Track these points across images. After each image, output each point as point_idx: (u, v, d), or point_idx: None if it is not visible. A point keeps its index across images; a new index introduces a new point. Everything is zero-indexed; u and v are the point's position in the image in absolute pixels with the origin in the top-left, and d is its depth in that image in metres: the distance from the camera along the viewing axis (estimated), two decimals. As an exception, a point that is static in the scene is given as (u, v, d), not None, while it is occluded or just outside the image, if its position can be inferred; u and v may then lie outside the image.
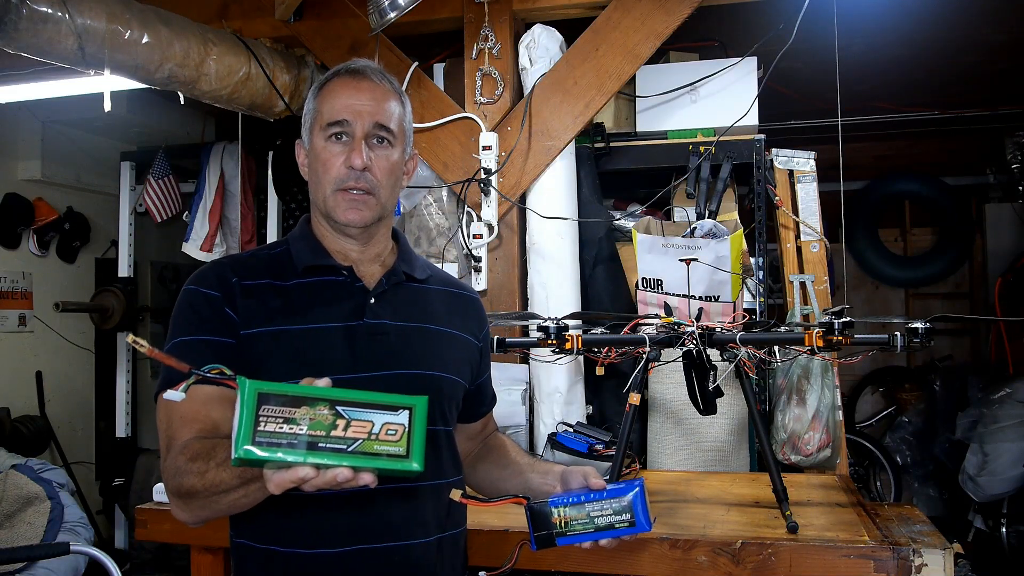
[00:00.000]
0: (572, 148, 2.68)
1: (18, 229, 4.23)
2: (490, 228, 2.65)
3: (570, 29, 2.68)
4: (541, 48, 2.63)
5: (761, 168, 2.67)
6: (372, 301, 1.34)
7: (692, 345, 1.88)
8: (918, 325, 1.67)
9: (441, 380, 1.37)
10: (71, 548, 2.24)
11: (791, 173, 2.71)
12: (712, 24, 2.96)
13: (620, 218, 2.89)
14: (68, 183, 4.41)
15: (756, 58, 2.71)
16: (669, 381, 2.56)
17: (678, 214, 2.80)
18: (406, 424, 0.96)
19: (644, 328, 1.99)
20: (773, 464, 1.87)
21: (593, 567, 1.75)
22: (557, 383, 2.54)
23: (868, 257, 5.55)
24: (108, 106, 2.31)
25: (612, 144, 2.80)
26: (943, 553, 1.57)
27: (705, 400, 1.93)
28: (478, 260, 2.66)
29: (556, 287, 2.60)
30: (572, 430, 2.38)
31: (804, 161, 2.72)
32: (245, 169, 3.93)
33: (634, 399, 1.89)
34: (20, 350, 4.25)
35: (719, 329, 1.91)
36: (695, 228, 2.29)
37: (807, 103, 3.77)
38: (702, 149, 2.54)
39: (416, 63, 2.78)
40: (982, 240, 5.28)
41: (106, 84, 2.34)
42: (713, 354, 1.90)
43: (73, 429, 4.50)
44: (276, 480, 0.94)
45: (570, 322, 2.01)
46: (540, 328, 1.96)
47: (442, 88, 2.84)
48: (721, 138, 2.66)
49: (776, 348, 2.05)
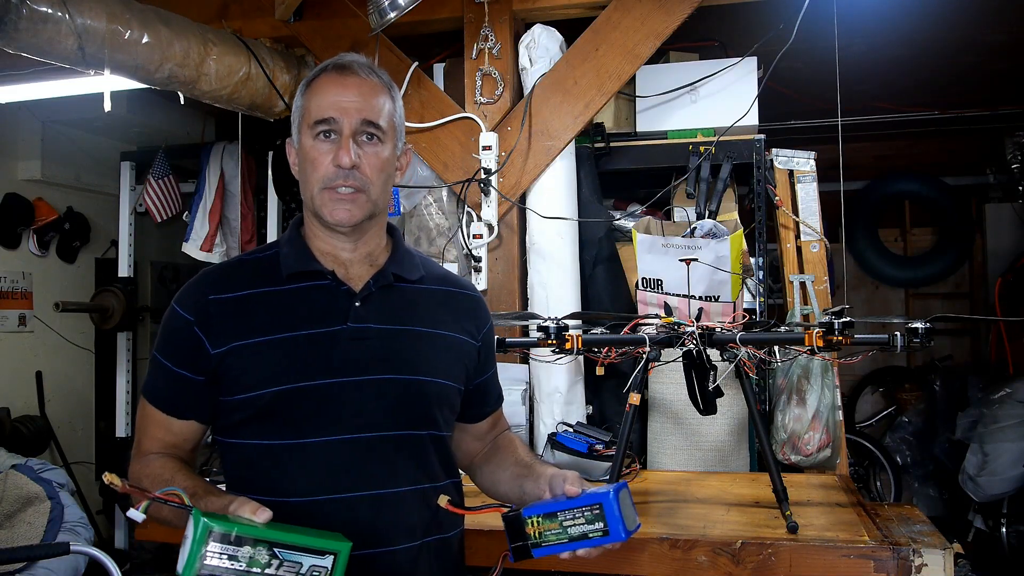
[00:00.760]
0: (572, 148, 2.68)
1: (18, 229, 4.22)
2: (490, 228, 2.65)
3: (570, 29, 2.68)
4: (541, 48, 2.63)
5: (761, 168, 2.67)
6: (357, 304, 1.32)
7: (692, 345, 1.88)
8: (918, 325, 1.67)
9: (426, 384, 1.33)
10: (71, 548, 2.23)
11: (791, 173, 2.71)
12: (712, 24, 2.96)
13: (620, 218, 2.89)
14: (68, 183, 4.40)
15: (756, 58, 2.71)
16: (669, 381, 2.56)
17: (678, 214, 2.80)
18: (329, 567, 1.06)
19: (644, 328, 1.99)
20: (773, 464, 1.87)
21: (593, 567, 1.74)
22: (557, 383, 2.54)
23: (868, 257, 5.55)
24: (108, 106, 2.31)
25: (612, 144, 2.80)
26: (943, 553, 1.57)
27: (705, 400, 1.93)
28: (478, 260, 2.66)
29: (556, 287, 2.60)
30: (572, 430, 2.38)
31: (804, 161, 2.72)
32: (245, 169, 3.92)
33: (634, 399, 1.89)
34: (20, 350, 4.25)
35: (719, 329, 1.91)
36: (695, 228, 2.29)
37: (807, 103, 3.77)
38: (702, 149, 2.54)
39: (416, 63, 2.78)
40: (982, 240, 5.28)
41: (106, 84, 2.33)
42: (713, 354, 1.90)
43: (73, 429, 4.50)
44: None
45: (570, 322, 2.02)
46: (540, 328, 1.96)
47: (442, 88, 2.84)
48: (721, 138, 2.66)
49: (776, 348, 2.05)
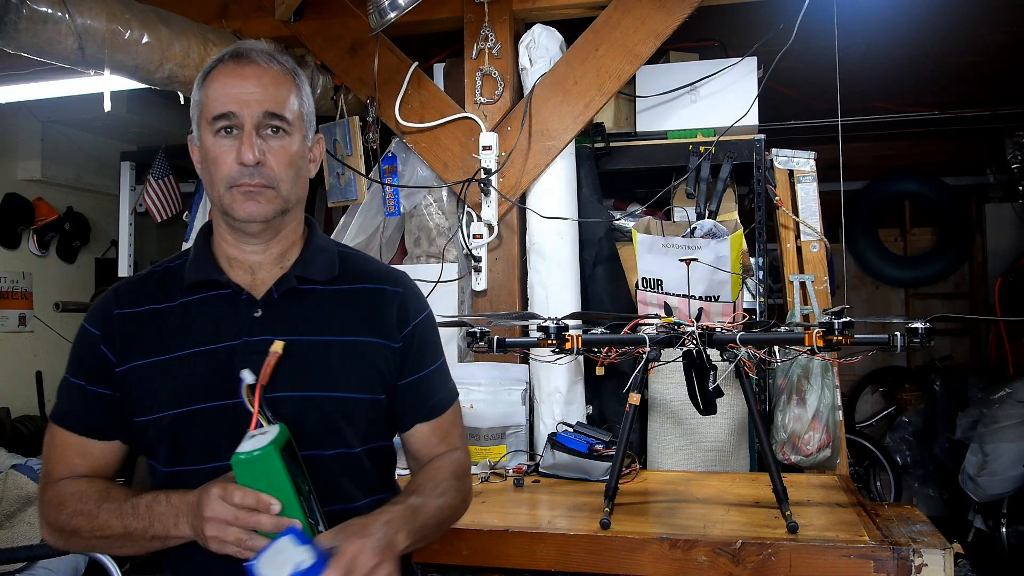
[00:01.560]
0: (572, 148, 2.68)
1: (18, 229, 4.23)
2: (490, 228, 2.65)
3: (570, 29, 2.68)
4: (541, 48, 2.63)
5: (761, 168, 2.67)
6: (257, 315, 1.22)
7: (692, 345, 1.88)
8: (918, 325, 1.67)
9: (328, 400, 1.22)
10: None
11: (791, 173, 2.71)
12: (712, 24, 2.96)
13: (620, 218, 2.89)
14: (68, 183, 4.41)
15: (756, 58, 2.71)
16: (669, 381, 2.56)
17: (678, 214, 2.80)
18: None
19: (644, 328, 1.99)
20: (773, 464, 1.86)
21: (593, 567, 1.75)
22: (557, 383, 2.54)
23: (868, 257, 5.55)
24: (108, 106, 2.31)
25: (612, 144, 2.80)
26: (943, 553, 1.57)
27: (705, 400, 1.93)
28: (478, 260, 2.66)
29: (556, 287, 2.60)
30: (572, 430, 2.38)
31: (804, 161, 2.72)
32: (245, 169, 3.92)
33: (634, 399, 1.89)
34: (20, 350, 4.25)
35: (719, 329, 1.91)
36: (695, 228, 2.29)
37: (807, 103, 3.77)
38: (702, 149, 2.54)
39: (416, 63, 2.78)
40: (982, 240, 5.28)
41: (106, 84, 2.33)
42: (713, 354, 1.90)
43: (73, 429, 4.50)
44: None
45: (570, 322, 2.01)
46: (540, 328, 1.96)
47: (442, 88, 2.84)
48: (721, 138, 2.66)
49: (776, 348, 2.05)
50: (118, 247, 4.17)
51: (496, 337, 2.03)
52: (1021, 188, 4.83)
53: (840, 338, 1.71)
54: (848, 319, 1.72)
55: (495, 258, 2.68)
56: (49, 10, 2.07)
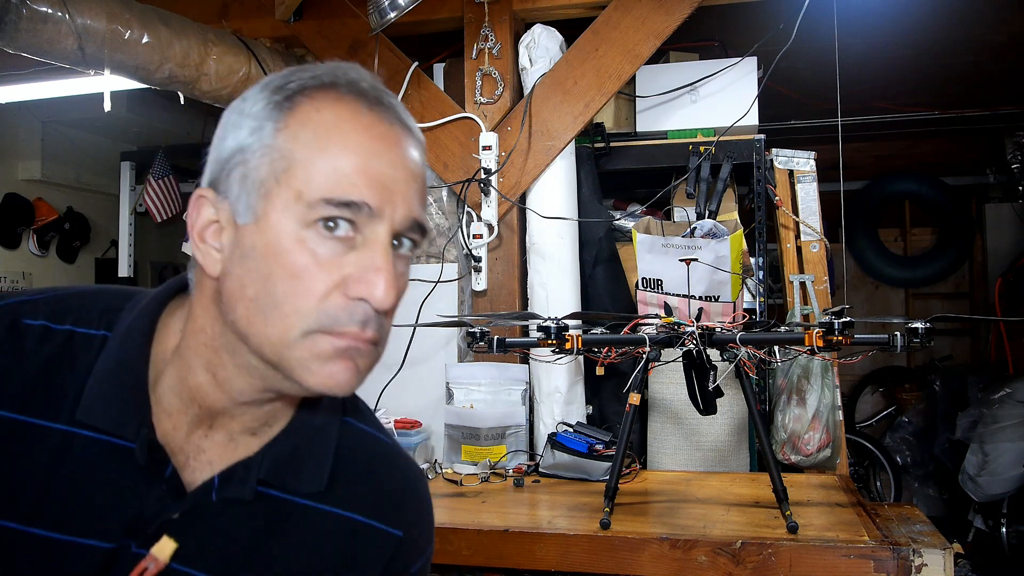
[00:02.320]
0: (572, 148, 2.68)
1: (18, 229, 4.23)
2: (490, 228, 2.65)
3: (570, 29, 2.68)
4: (541, 48, 2.63)
5: (761, 168, 2.67)
6: (175, 517, 0.76)
7: (692, 345, 1.88)
8: (918, 325, 1.67)
9: None
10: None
11: (791, 173, 2.71)
12: (712, 24, 2.96)
13: (620, 218, 2.89)
14: (68, 183, 4.41)
15: (756, 58, 2.71)
16: (669, 381, 2.56)
17: (678, 214, 2.80)
18: None
19: (644, 328, 1.99)
20: (773, 464, 1.86)
21: (593, 567, 1.75)
22: (557, 383, 2.54)
23: (868, 257, 5.56)
24: (108, 106, 2.31)
25: (612, 144, 2.80)
26: (943, 553, 1.57)
27: (705, 400, 1.93)
28: (478, 260, 2.66)
29: (556, 287, 2.60)
30: (572, 430, 2.38)
31: (804, 161, 2.72)
32: (245, 169, 3.92)
33: (634, 399, 1.89)
34: (20, 350, 4.25)
35: (719, 329, 1.91)
36: (695, 228, 2.30)
37: (807, 103, 3.77)
38: (702, 149, 2.54)
39: (416, 63, 2.78)
40: (982, 240, 5.29)
41: (106, 84, 2.33)
42: (713, 354, 1.90)
43: (73, 429, 4.50)
44: None
45: (570, 322, 2.01)
46: (540, 328, 1.96)
47: (442, 88, 2.84)
48: (721, 138, 2.66)
49: (776, 348, 2.05)
50: (118, 247, 4.17)
51: (496, 337, 2.03)
52: (1021, 188, 4.83)
53: (840, 338, 1.71)
54: (848, 319, 1.72)
55: (495, 258, 2.68)
56: (49, 10, 2.07)
